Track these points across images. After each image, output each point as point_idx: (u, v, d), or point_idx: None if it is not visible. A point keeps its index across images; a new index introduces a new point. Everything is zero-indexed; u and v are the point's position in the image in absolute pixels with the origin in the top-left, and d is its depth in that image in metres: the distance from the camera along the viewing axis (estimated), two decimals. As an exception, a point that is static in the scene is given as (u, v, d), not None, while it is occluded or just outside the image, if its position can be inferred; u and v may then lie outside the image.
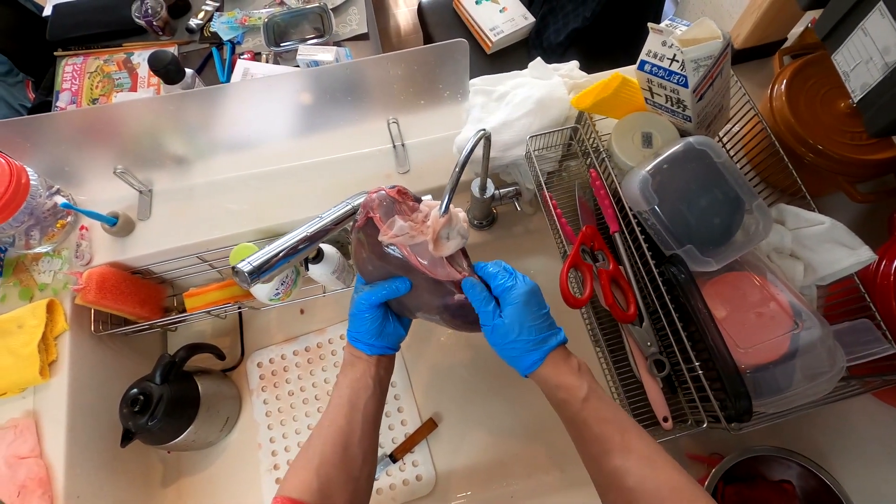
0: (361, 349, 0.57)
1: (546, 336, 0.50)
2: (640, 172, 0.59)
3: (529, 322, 0.49)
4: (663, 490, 0.43)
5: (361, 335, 0.56)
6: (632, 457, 0.44)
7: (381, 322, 0.56)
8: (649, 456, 0.45)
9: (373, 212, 0.51)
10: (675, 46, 0.55)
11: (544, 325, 0.50)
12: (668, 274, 0.59)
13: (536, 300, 0.51)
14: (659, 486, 0.43)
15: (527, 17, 1.52)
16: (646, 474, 0.43)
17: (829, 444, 0.68)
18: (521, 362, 0.50)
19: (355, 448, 0.52)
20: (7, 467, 0.68)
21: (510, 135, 0.74)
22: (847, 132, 0.69)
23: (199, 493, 0.83)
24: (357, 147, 0.86)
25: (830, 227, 0.60)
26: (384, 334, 0.57)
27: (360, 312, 0.56)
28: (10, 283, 0.78)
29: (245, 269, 0.51)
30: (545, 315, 0.51)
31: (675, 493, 0.42)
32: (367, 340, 0.56)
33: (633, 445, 0.45)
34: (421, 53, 0.69)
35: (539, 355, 0.49)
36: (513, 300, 0.50)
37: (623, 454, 0.45)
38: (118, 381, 0.79)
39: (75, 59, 1.21)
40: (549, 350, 0.50)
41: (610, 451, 0.45)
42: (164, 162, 0.82)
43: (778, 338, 0.54)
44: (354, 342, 0.57)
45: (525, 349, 0.49)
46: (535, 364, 0.49)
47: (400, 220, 0.50)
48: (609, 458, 0.45)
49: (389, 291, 0.54)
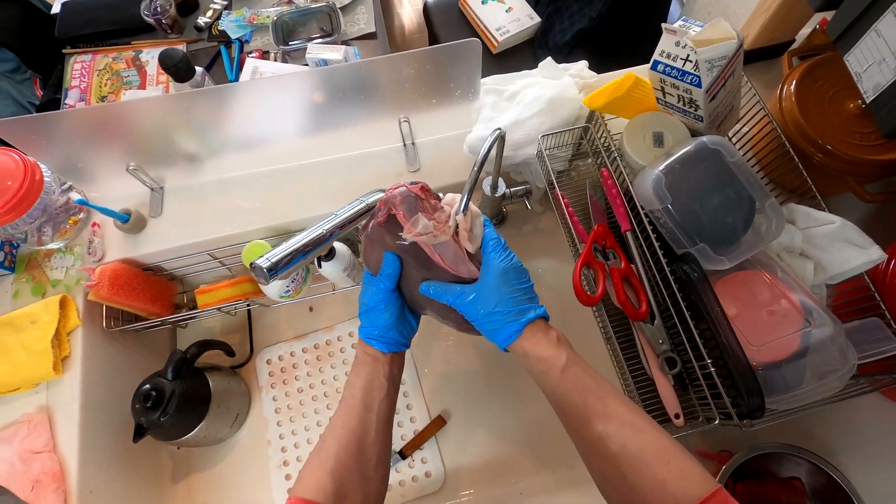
0: (377, 347, 0.56)
1: (525, 308, 0.50)
2: (652, 171, 0.60)
3: (508, 293, 0.50)
4: (646, 452, 0.43)
5: (378, 330, 0.56)
6: (613, 422, 0.44)
7: (399, 312, 0.56)
8: (631, 420, 0.45)
9: (396, 208, 0.51)
10: (689, 47, 0.56)
11: (524, 297, 0.51)
12: (679, 272, 0.60)
13: (516, 274, 0.51)
14: (641, 448, 0.43)
15: (532, 17, 1.53)
16: (628, 438, 0.44)
17: (838, 441, 0.68)
18: (500, 334, 0.50)
19: (369, 450, 0.52)
20: (21, 462, 0.68)
21: (521, 134, 0.74)
22: (856, 133, 0.70)
23: (209, 490, 0.84)
24: (367, 146, 0.86)
25: (841, 226, 0.61)
26: (400, 326, 0.57)
27: (377, 303, 0.56)
28: (22, 279, 0.79)
29: (264, 265, 0.51)
30: (526, 289, 0.51)
31: (657, 454, 0.43)
32: (384, 336, 0.56)
33: (614, 411, 0.45)
34: (434, 52, 0.70)
35: (517, 326, 0.49)
36: (491, 271, 0.50)
37: (604, 421, 0.45)
38: (129, 377, 0.80)
39: (84, 57, 1.21)
40: (527, 322, 0.50)
41: (591, 419, 0.45)
42: (176, 159, 0.82)
43: (789, 335, 0.55)
44: (369, 340, 0.57)
45: (504, 321, 0.49)
46: (514, 335, 0.49)
47: (424, 219, 0.50)
48: (591, 425, 0.45)
49: (395, 267, 0.54)
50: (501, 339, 0.50)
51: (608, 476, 0.45)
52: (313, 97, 0.76)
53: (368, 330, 0.57)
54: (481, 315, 0.50)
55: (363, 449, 0.52)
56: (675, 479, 0.41)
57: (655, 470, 0.42)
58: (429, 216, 0.51)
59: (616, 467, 0.43)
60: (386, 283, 0.55)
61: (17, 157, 0.72)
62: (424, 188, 0.53)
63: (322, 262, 0.74)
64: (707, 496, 0.39)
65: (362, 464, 0.51)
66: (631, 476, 0.42)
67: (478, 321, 0.51)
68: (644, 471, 0.42)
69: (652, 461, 0.42)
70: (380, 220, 0.54)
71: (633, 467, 0.42)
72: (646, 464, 0.42)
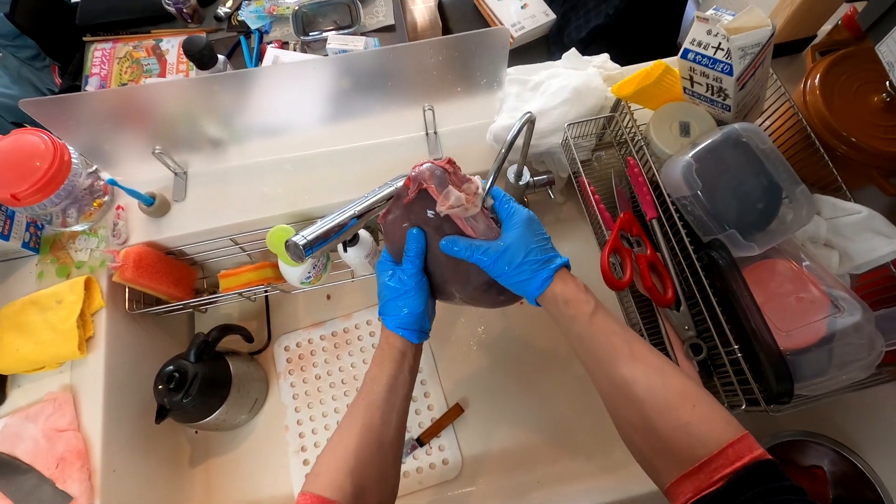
0: (408, 337, 0.55)
1: (551, 256, 0.51)
2: (682, 158, 0.60)
3: (534, 243, 0.50)
4: (671, 395, 0.42)
5: (410, 318, 0.54)
6: (639, 365, 0.44)
7: (428, 296, 0.55)
8: (657, 364, 0.45)
9: (427, 182, 0.51)
10: (722, 34, 0.56)
11: (548, 246, 0.51)
12: (706, 259, 0.60)
13: (537, 224, 0.52)
14: (667, 391, 0.43)
15: (548, 13, 1.53)
16: (654, 382, 0.43)
17: (861, 431, 0.68)
18: (532, 284, 0.50)
19: (388, 447, 0.52)
20: (46, 440, 0.69)
21: (546, 123, 0.75)
22: (881, 126, 0.70)
23: (226, 474, 0.84)
24: (390, 134, 0.87)
25: (868, 216, 0.61)
26: (430, 313, 0.56)
27: (409, 288, 0.54)
28: (47, 261, 0.79)
29: (300, 242, 0.52)
30: (547, 238, 0.52)
31: (682, 397, 0.42)
32: (415, 323, 0.54)
33: (641, 355, 0.45)
34: (462, 40, 0.70)
35: (548, 272, 0.49)
36: (516, 223, 0.51)
37: (631, 364, 0.44)
38: (150, 360, 0.80)
39: (104, 45, 1.22)
40: (556, 268, 0.50)
41: (618, 361, 0.45)
42: (201, 144, 0.83)
43: (818, 321, 0.55)
44: (399, 329, 0.55)
45: (534, 270, 0.49)
46: (546, 282, 0.49)
47: (455, 191, 0.50)
48: (617, 368, 0.45)
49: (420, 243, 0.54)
50: (534, 288, 0.50)
51: (632, 420, 0.44)
52: (339, 83, 0.76)
53: (398, 318, 0.55)
54: (511, 268, 0.50)
55: (382, 446, 0.51)
56: (700, 422, 0.40)
57: (680, 413, 0.41)
58: (458, 189, 0.51)
59: (640, 410, 0.43)
60: (416, 262, 0.54)
61: (46, 138, 0.72)
62: (451, 161, 0.53)
63: (347, 247, 0.74)
64: (733, 440, 0.39)
65: (381, 461, 0.51)
66: (655, 419, 0.42)
67: (506, 275, 0.50)
68: (668, 414, 0.42)
69: (677, 404, 0.42)
70: (410, 198, 0.53)
71: (658, 410, 0.42)
72: (670, 406, 0.42)
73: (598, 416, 0.82)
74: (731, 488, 0.37)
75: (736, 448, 0.38)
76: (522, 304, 0.89)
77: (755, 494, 0.36)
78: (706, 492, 0.38)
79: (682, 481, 0.40)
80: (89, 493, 0.66)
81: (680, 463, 0.40)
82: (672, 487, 0.40)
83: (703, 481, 0.38)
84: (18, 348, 0.71)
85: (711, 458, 0.38)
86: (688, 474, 0.39)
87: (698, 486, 0.38)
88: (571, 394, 0.84)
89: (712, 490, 0.37)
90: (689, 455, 0.39)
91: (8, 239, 0.75)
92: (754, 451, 0.38)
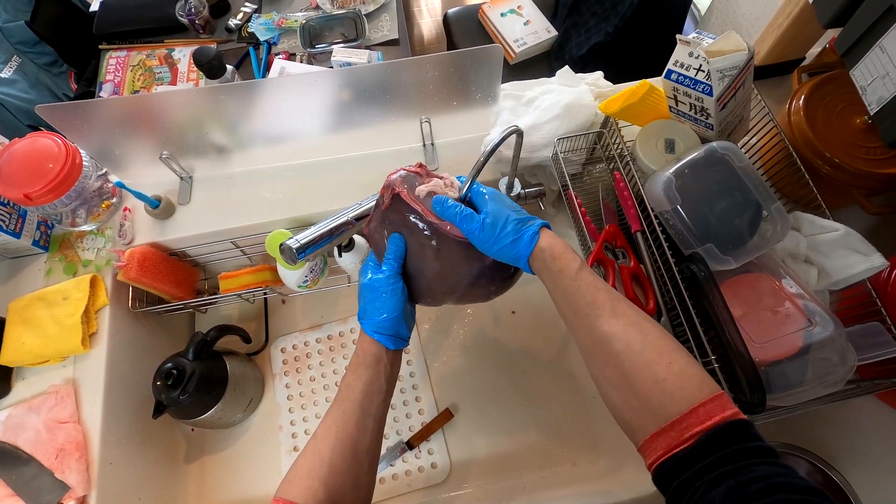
0: (383, 342, 0.54)
1: (530, 217, 0.52)
2: (663, 174, 0.62)
3: (509, 210, 0.51)
4: (648, 352, 0.43)
5: (387, 322, 0.54)
6: (620, 321, 0.45)
7: (405, 301, 0.56)
8: (637, 321, 0.45)
9: (398, 187, 0.53)
10: (702, 57, 0.59)
11: (523, 211, 0.53)
12: (687, 272, 0.62)
13: (510, 200, 0.54)
14: (644, 347, 0.43)
15: (550, 30, 1.57)
16: (632, 337, 0.44)
17: (838, 446, 0.70)
18: (520, 244, 0.50)
19: (363, 455, 0.52)
20: (47, 430, 0.71)
21: (538, 137, 0.77)
22: (862, 147, 0.72)
23: (220, 471, 0.86)
24: (388, 144, 0.90)
25: (845, 234, 0.63)
26: (407, 318, 0.56)
27: (385, 291, 0.54)
28: (55, 258, 0.83)
29: (293, 245, 0.54)
30: (520, 208, 0.53)
31: (659, 354, 0.42)
32: (392, 328, 0.54)
33: (622, 312, 0.45)
34: (458, 56, 0.73)
35: (535, 228, 0.50)
36: (492, 198, 0.53)
37: (612, 320, 0.45)
38: (150, 357, 0.83)
39: (119, 53, 1.27)
40: (541, 224, 0.51)
41: (600, 317, 0.45)
42: (206, 150, 0.86)
43: (792, 334, 0.57)
44: (375, 334, 0.55)
45: (519, 228, 0.50)
46: (535, 237, 0.50)
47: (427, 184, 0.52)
48: (599, 322, 0.45)
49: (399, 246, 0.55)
50: (524, 245, 0.50)
51: (610, 376, 0.44)
52: (340, 95, 0.79)
53: (375, 322, 0.55)
54: (498, 230, 0.50)
55: (357, 454, 0.51)
56: (674, 380, 0.40)
57: (656, 369, 0.41)
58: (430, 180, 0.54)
59: (618, 366, 0.43)
60: (393, 264, 0.55)
61: (59, 142, 0.76)
62: (421, 165, 0.55)
63: (342, 253, 0.77)
64: (706, 399, 0.38)
65: (356, 470, 0.51)
66: (631, 375, 0.42)
67: (494, 239, 0.51)
68: (645, 370, 0.42)
69: (653, 360, 0.42)
70: (386, 204, 0.55)
71: (635, 366, 0.42)
72: (647, 363, 0.42)
73: (584, 425, 0.83)
74: (700, 447, 0.37)
75: (707, 407, 0.38)
76: (515, 314, 0.92)
77: (725, 455, 0.36)
78: (676, 450, 0.38)
79: (654, 439, 0.40)
80: (86, 484, 0.69)
81: (655, 420, 0.40)
82: (645, 444, 0.41)
83: (674, 439, 0.38)
84: (25, 342, 0.74)
85: (683, 416, 0.39)
86: (660, 432, 0.39)
87: (669, 444, 0.38)
88: (560, 402, 0.86)
89: (682, 448, 0.38)
90: (663, 413, 0.40)
91: (19, 237, 0.78)
92: (727, 411, 0.38)
